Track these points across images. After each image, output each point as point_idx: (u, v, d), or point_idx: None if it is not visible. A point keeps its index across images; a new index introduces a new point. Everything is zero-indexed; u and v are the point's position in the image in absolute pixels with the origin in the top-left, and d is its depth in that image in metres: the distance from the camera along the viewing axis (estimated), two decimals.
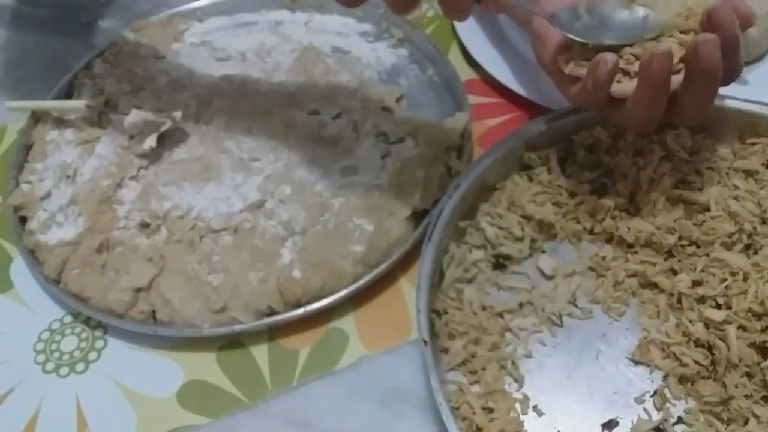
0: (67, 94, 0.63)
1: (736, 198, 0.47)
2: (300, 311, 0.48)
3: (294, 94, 0.60)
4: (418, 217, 0.52)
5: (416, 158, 0.54)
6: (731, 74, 0.43)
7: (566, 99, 0.47)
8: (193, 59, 0.64)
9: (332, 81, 0.61)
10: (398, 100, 0.60)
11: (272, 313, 0.48)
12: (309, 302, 0.48)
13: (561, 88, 0.47)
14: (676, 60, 0.41)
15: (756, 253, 0.45)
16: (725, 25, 0.40)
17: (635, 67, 0.42)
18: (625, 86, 0.42)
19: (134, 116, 0.56)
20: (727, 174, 0.49)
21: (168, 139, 0.57)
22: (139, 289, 0.49)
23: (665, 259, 0.46)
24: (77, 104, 0.60)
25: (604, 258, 0.47)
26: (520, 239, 0.49)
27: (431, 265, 0.46)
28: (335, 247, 0.50)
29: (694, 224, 0.46)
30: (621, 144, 0.50)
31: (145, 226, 0.52)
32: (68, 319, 0.51)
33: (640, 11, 0.43)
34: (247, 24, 0.68)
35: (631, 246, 0.47)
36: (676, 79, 0.41)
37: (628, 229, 0.47)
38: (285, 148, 0.56)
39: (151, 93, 0.61)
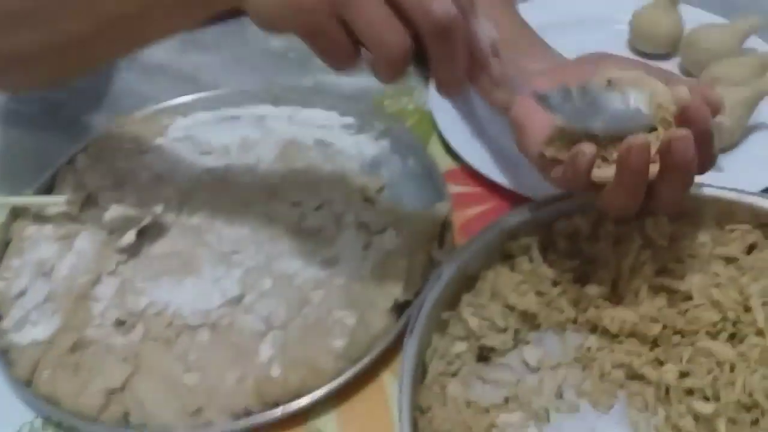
0: (49, 190, 0.63)
1: (718, 285, 0.46)
2: (278, 412, 0.46)
3: (276, 186, 0.60)
4: (400, 307, 0.51)
5: (398, 249, 0.54)
6: (706, 166, 0.45)
7: (548, 183, 0.48)
8: (176, 154, 0.65)
9: (314, 173, 0.62)
10: (379, 190, 0.61)
11: (249, 414, 0.46)
12: (287, 401, 0.46)
13: (542, 173, 0.48)
14: (653, 151, 0.42)
15: (741, 342, 0.44)
16: (698, 121, 0.42)
17: (615, 154, 0.42)
18: (604, 172, 0.43)
19: (114, 211, 0.56)
20: (707, 261, 0.48)
21: (148, 233, 0.57)
22: (112, 391, 0.47)
23: (651, 349, 0.46)
24: (57, 200, 0.59)
25: (589, 349, 0.46)
26: (504, 330, 0.48)
27: (413, 359, 0.45)
28: (315, 343, 0.49)
29: (678, 313, 0.46)
30: (601, 232, 0.51)
31: (120, 323, 0.51)
32: (38, 422, 0.49)
33: (632, 101, 0.43)
34: (231, 118, 0.69)
35: (616, 336, 0.47)
36: (654, 169, 0.42)
37: (612, 319, 0.46)
38: (266, 240, 0.56)
39: (133, 188, 0.61)
